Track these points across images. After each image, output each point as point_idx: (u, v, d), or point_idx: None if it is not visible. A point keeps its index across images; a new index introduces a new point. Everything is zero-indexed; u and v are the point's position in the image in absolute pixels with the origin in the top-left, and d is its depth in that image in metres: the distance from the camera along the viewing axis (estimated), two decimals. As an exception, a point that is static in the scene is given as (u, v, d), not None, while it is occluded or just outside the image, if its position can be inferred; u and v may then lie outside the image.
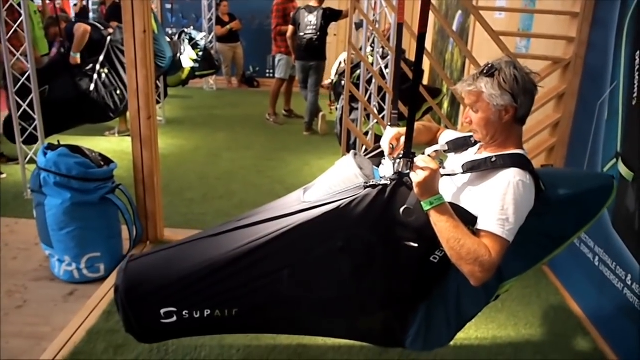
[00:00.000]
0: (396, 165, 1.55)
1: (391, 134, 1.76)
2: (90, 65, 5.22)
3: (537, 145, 3.29)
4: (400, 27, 1.94)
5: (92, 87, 5.07)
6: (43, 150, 3.00)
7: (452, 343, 2.52)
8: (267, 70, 9.72)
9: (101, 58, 5.20)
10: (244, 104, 8.29)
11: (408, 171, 1.51)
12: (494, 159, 1.59)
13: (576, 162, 3.07)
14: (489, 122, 1.62)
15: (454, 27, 6.37)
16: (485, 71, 1.60)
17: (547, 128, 3.25)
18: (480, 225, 1.51)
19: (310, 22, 6.00)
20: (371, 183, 1.58)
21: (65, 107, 4.82)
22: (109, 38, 5.23)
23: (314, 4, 6.12)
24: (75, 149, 3.03)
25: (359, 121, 4.30)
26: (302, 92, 6.53)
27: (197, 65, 7.98)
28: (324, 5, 6.10)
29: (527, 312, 2.87)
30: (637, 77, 2.50)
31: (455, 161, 1.77)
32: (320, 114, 6.49)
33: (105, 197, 2.98)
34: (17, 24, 4.04)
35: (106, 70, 5.18)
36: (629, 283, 2.42)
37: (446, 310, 1.71)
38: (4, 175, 4.58)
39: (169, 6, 9.68)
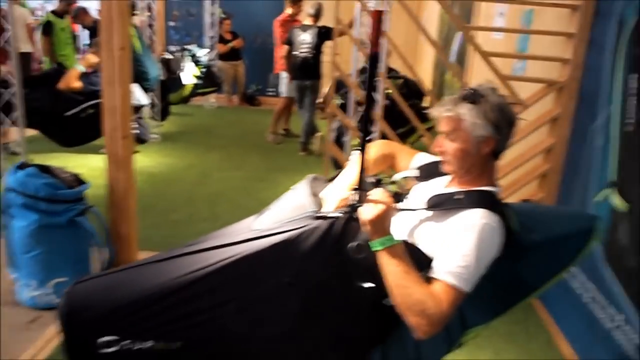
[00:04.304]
0: (349, 199, 1.41)
1: (339, 197, 1.53)
2: (83, 98, 5.19)
3: (529, 171, 3.13)
4: (375, 57, 1.78)
5: (69, 113, 5.05)
6: (14, 170, 2.90)
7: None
8: (269, 89, 9.64)
9: (95, 101, 5.18)
10: (242, 122, 8.19)
11: (360, 204, 1.36)
12: (460, 196, 1.43)
13: (570, 190, 2.90)
14: (465, 154, 1.45)
15: (455, 47, 6.26)
16: (467, 96, 1.43)
17: (540, 153, 3.09)
18: (435, 271, 1.35)
19: (305, 40, 5.90)
20: (322, 214, 1.44)
21: (31, 115, 4.78)
22: None
23: (308, 22, 6.03)
24: (46, 169, 2.91)
25: (348, 143, 4.16)
26: (299, 112, 6.42)
27: (199, 82, 7.94)
28: (319, 24, 6.01)
29: (512, 350, 2.69)
30: (631, 103, 2.35)
31: (423, 191, 1.62)
32: (317, 134, 6.37)
33: (75, 219, 2.86)
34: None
35: (92, 111, 5.13)
36: (621, 324, 2.24)
37: (404, 356, 1.54)
38: None
39: (172, 23, 9.67)
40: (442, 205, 1.45)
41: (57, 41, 6.50)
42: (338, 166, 4.25)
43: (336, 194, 1.53)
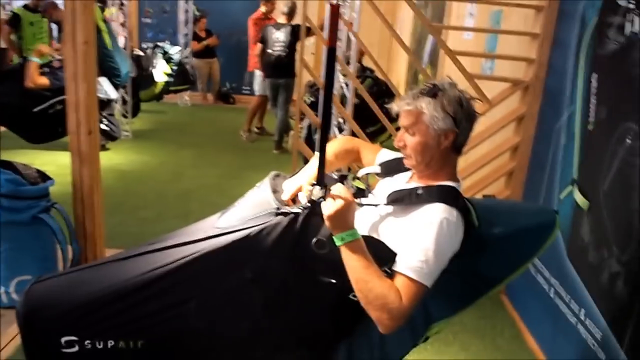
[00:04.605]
0: (309, 192, 1.41)
1: (295, 185, 1.55)
2: (50, 94, 5.08)
3: (496, 170, 3.17)
4: (331, 52, 1.77)
5: (37, 109, 4.95)
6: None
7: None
8: (244, 87, 9.59)
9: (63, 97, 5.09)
10: (217, 120, 8.15)
11: (321, 200, 1.36)
12: (420, 191, 1.44)
13: (535, 188, 2.95)
14: (426, 147, 1.46)
15: (428, 47, 6.30)
16: (427, 90, 1.45)
17: (506, 151, 3.14)
18: (396, 266, 1.36)
19: (278, 39, 5.90)
20: (283, 210, 1.44)
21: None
22: None
23: (282, 20, 6.03)
24: (7, 165, 2.85)
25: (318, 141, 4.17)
26: (273, 110, 6.41)
27: (171, 79, 7.85)
28: (294, 22, 6.00)
29: (480, 345, 2.72)
30: (593, 102, 2.40)
31: (385, 187, 1.63)
32: (291, 132, 6.37)
33: (38, 216, 2.81)
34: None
35: (60, 107, 5.01)
36: (582, 318, 2.28)
37: (370, 350, 1.55)
38: None
39: (147, 21, 9.57)
40: (402, 200, 1.46)
41: (25, 35, 6.37)
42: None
43: (293, 185, 1.53)
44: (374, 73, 5.77)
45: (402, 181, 1.60)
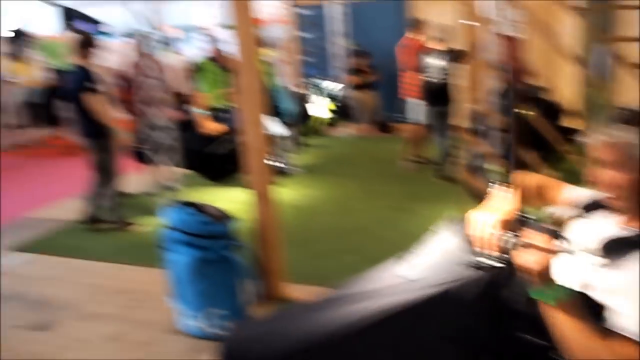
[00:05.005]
0: (502, 241, 1.33)
1: (484, 229, 1.41)
2: (224, 136, 5.58)
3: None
4: (514, 89, 1.73)
5: (220, 150, 5.45)
6: (171, 209, 3.22)
7: None
8: (402, 116, 9.62)
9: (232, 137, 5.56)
10: (377, 150, 8.26)
11: (515, 248, 1.29)
12: (637, 238, 1.28)
13: None
14: (637, 185, 1.31)
15: (605, 60, 5.81)
16: (629, 118, 1.32)
17: None
18: (619, 327, 1.20)
19: (435, 65, 5.86)
20: (480, 263, 1.37)
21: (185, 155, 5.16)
22: None
23: (436, 46, 6.00)
24: (199, 207, 3.19)
25: (485, 170, 4.04)
26: (434, 138, 6.37)
27: (332, 114, 8.22)
28: (448, 47, 5.94)
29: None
30: None
31: (584, 229, 1.47)
32: (454, 159, 6.23)
33: (227, 253, 3.09)
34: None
35: (232, 146, 5.44)
36: None
37: None
38: (145, 228, 4.91)
39: (307, 59, 10.07)
40: (616, 249, 1.31)
41: (202, 84, 7.02)
42: (474, 195, 4.12)
43: (480, 227, 1.44)
44: (541, 91, 5.47)
45: (606, 224, 1.43)
